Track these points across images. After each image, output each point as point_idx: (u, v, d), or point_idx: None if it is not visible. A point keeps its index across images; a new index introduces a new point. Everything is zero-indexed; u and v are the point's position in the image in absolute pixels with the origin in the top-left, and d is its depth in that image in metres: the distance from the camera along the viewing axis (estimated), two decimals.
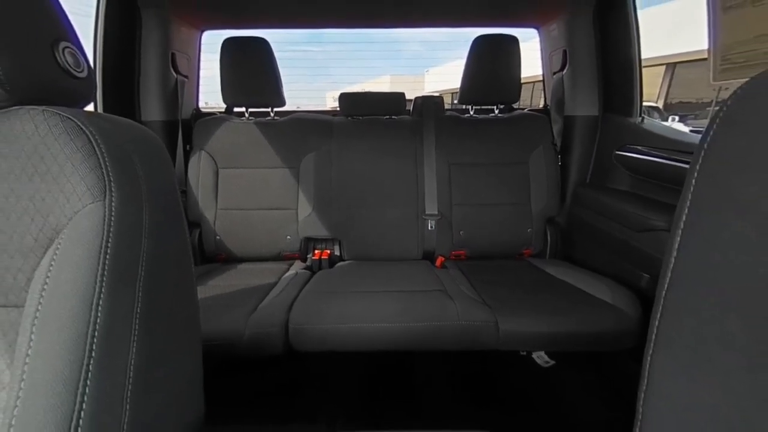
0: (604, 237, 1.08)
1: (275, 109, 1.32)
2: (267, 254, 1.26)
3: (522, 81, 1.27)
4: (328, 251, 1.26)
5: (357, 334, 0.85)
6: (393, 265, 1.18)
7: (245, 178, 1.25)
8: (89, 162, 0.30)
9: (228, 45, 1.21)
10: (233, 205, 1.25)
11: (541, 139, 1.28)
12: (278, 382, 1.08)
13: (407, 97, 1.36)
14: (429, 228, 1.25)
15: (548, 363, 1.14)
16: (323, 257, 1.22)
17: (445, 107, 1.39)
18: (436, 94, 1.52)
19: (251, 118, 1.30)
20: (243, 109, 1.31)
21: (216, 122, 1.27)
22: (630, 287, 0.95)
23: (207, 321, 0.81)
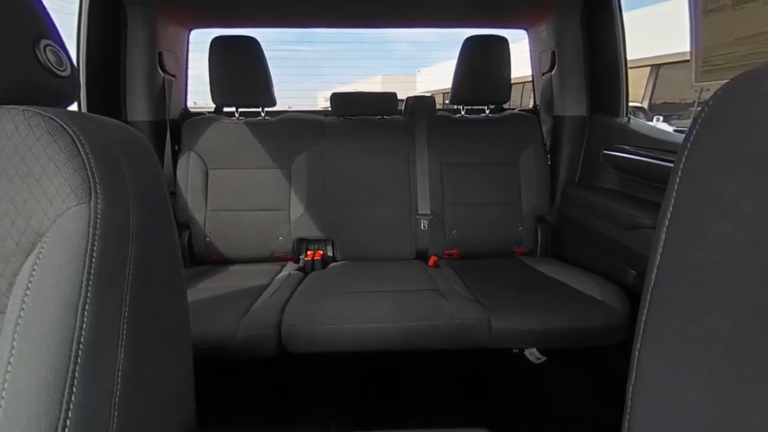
0: (593, 235, 1.10)
1: (266, 109, 1.31)
2: (259, 256, 1.25)
3: (512, 81, 1.28)
4: (321, 252, 1.25)
5: (351, 335, 0.84)
6: (386, 265, 1.18)
7: (236, 179, 1.24)
8: (73, 163, 0.30)
9: (217, 44, 1.19)
10: (223, 206, 1.23)
11: (531, 139, 1.29)
12: (271, 384, 1.07)
13: (399, 97, 1.37)
14: (422, 228, 1.26)
15: (540, 359, 1.16)
16: (316, 258, 1.21)
17: (437, 107, 1.40)
18: (428, 95, 1.52)
19: (241, 118, 1.29)
20: (233, 109, 1.29)
21: (205, 122, 1.25)
22: (618, 284, 0.97)
23: (198, 324, 0.80)
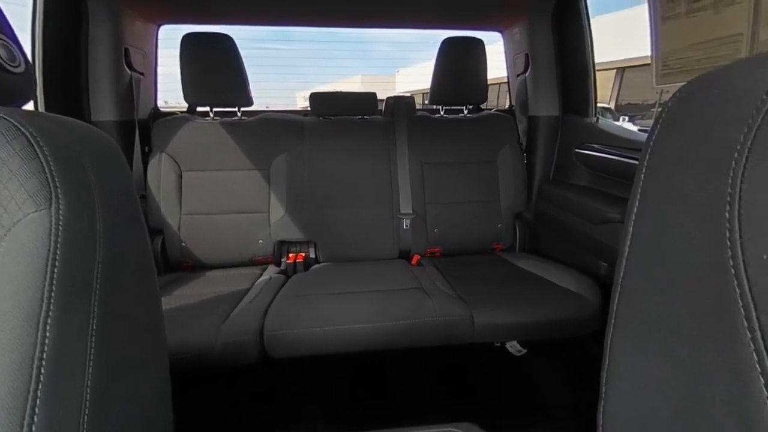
0: (568, 230, 1.15)
1: (242, 109, 1.27)
2: (238, 260, 1.21)
3: (488, 82, 1.32)
4: (303, 254, 1.23)
5: (335, 337, 0.84)
6: (369, 265, 1.18)
7: (211, 181, 1.19)
8: (30, 166, 0.27)
9: (189, 41, 1.14)
10: (199, 210, 1.19)
11: (508, 139, 1.33)
12: (253, 390, 1.04)
13: (379, 98, 1.37)
14: (404, 227, 1.26)
15: (521, 351, 1.20)
16: (298, 260, 1.19)
17: (417, 107, 1.41)
18: (408, 95, 1.54)
19: (216, 118, 1.24)
20: (207, 109, 1.25)
21: (177, 122, 1.20)
22: (592, 276, 1.01)
23: (175, 333, 0.77)
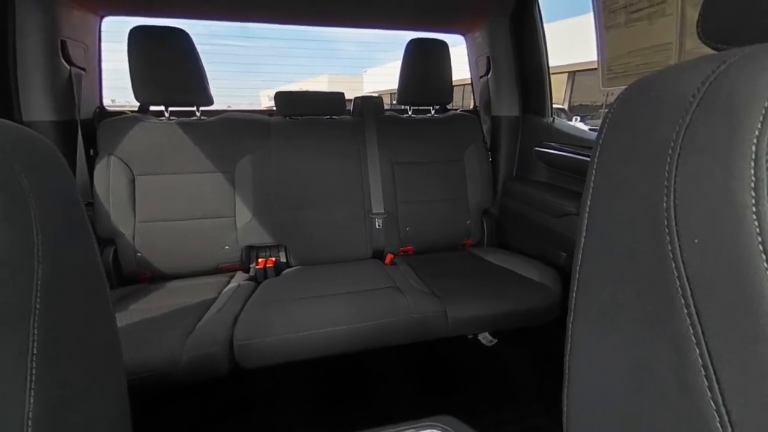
0: (530, 223, 1.22)
1: (202, 109, 1.20)
2: (202, 268, 1.14)
3: (453, 83, 1.36)
4: (273, 258, 1.19)
5: (310, 342, 0.82)
6: (343, 267, 1.17)
7: (169, 186, 1.12)
8: None
9: (137, 34, 1.06)
10: (156, 217, 1.10)
11: (473, 138, 1.38)
12: (226, 404, 0.99)
13: (346, 97, 1.36)
14: (376, 227, 1.27)
15: (492, 342, 1.26)
16: (268, 265, 1.15)
17: (385, 107, 1.42)
18: (376, 95, 1.54)
19: (173, 118, 1.17)
20: (162, 108, 1.16)
21: (127, 123, 1.11)
22: (553, 266, 1.08)
23: (134, 350, 0.71)
